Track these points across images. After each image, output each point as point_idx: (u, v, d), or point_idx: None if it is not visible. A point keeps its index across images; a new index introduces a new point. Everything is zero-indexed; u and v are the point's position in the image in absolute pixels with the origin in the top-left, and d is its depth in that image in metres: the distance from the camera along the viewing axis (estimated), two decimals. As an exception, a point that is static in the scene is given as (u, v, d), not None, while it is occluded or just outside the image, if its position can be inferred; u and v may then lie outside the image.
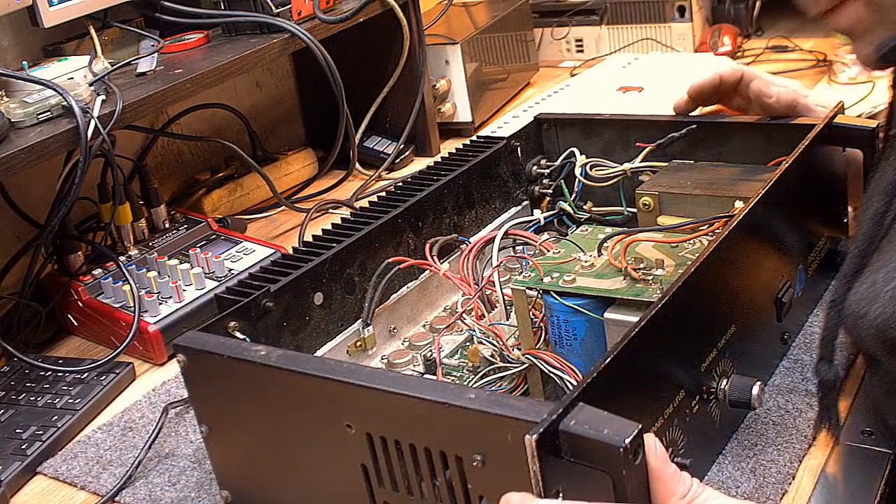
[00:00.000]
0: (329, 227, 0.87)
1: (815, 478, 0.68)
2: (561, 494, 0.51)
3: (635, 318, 0.69)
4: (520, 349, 0.76)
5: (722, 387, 0.68)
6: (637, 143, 0.96)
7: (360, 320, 0.84)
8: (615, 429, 0.49)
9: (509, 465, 0.52)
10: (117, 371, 0.94)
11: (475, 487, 0.57)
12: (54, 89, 0.97)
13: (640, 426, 0.49)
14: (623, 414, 0.50)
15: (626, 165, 0.95)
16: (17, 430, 0.86)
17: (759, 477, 0.68)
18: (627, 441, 0.48)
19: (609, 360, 0.56)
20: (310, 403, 0.64)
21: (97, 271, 1.06)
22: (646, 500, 0.50)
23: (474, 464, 0.56)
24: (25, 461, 0.83)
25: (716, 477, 0.69)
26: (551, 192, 1.02)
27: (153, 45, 1.16)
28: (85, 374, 0.94)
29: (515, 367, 0.75)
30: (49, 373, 0.95)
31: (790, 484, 0.67)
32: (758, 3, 1.71)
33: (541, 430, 0.49)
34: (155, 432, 0.83)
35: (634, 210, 0.94)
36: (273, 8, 1.20)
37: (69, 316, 1.06)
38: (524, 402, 0.53)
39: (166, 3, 1.22)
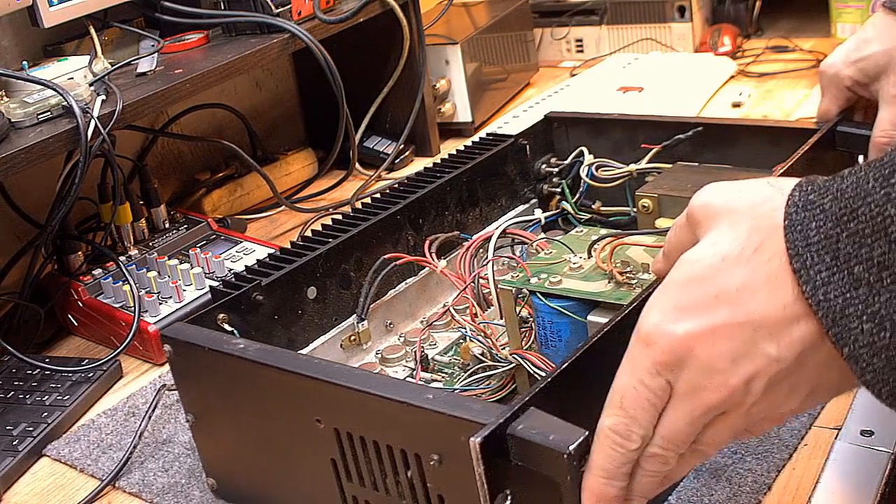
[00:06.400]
0: (329, 223, 0.88)
1: (814, 478, 0.68)
2: (510, 496, 0.51)
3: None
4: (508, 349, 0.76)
5: None
6: (643, 145, 0.95)
7: (354, 315, 0.84)
8: (561, 435, 0.49)
9: (464, 465, 0.52)
10: (104, 368, 0.95)
11: (434, 486, 0.58)
12: (54, 89, 0.97)
13: (586, 433, 0.49)
14: (589, 418, 0.50)
15: (632, 166, 0.95)
16: (8, 427, 0.87)
17: (734, 486, 0.68)
18: (572, 448, 0.48)
19: (567, 364, 0.56)
20: (283, 397, 0.65)
21: (97, 271, 1.06)
22: None
23: (431, 463, 0.56)
24: (17, 457, 0.83)
25: (691, 484, 0.68)
26: (559, 190, 1.02)
27: (153, 45, 1.16)
28: (72, 373, 0.95)
29: (504, 367, 0.75)
30: (37, 371, 0.95)
31: (765, 494, 0.67)
32: (758, 3, 1.71)
33: (485, 433, 0.50)
34: (150, 409, 0.84)
35: (642, 211, 0.94)
36: (273, 8, 1.20)
37: (69, 316, 1.06)
38: (479, 405, 0.55)
39: (166, 3, 1.22)
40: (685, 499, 0.67)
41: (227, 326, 0.75)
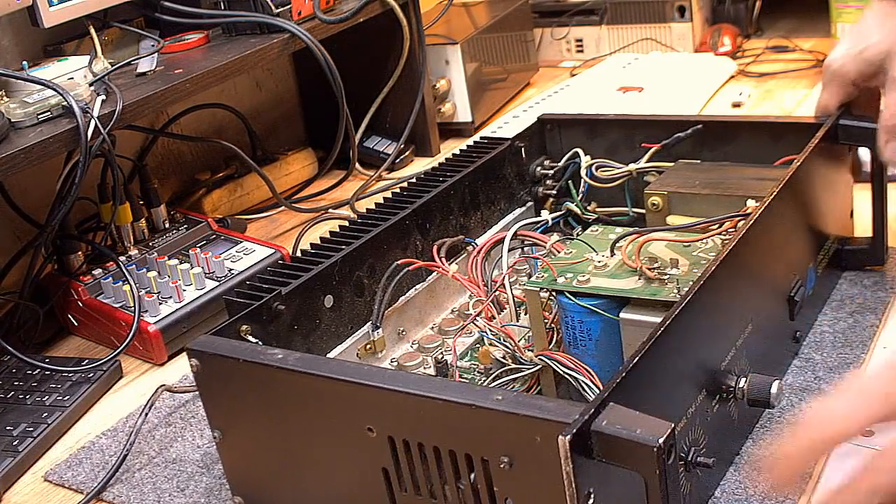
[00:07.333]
0: (337, 229, 0.87)
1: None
2: (593, 495, 0.50)
3: (651, 318, 0.68)
4: (531, 350, 0.76)
5: (740, 385, 0.68)
6: (643, 144, 0.95)
7: (369, 323, 0.83)
8: (648, 428, 0.48)
9: (539, 466, 0.52)
10: (104, 368, 0.95)
11: (502, 490, 0.57)
12: (54, 89, 0.97)
13: (672, 425, 0.48)
14: (649, 414, 0.50)
15: (632, 166, 0.95)
16: (8, 428, 0.87)
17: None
18: (661, 440, 0.47)
19: (637, 359, 0.55)
20: (329, 407, 0.63)
21: (97, 271, 1.05)
22: (678, 500, 0.50)
23: (501, 466, 0.55)
24: (17, 457, 0.83)
25: (733, 477, 0.69)
26: (555, 192, 1.02)
27: (153, 45, 1.16)
28: (72, 373, 0.94)
29: (528, 369, 0.74)
30: (37, 371, 0.95)
31: (808, 483, 0.67)
32: (758, 3, 1.71)
33: (573, 430, 0.48)
34: (147, 407, 0.84)
35: (640, 211, 0.93)
36: (273, 8, 1.20)
37: (69, 316, 1.06)
38: (553, 403, 0.53)
39: (166, 3, 1.22)
40: (729, 491, 0.68)
41: (250, 338, 0.72)
